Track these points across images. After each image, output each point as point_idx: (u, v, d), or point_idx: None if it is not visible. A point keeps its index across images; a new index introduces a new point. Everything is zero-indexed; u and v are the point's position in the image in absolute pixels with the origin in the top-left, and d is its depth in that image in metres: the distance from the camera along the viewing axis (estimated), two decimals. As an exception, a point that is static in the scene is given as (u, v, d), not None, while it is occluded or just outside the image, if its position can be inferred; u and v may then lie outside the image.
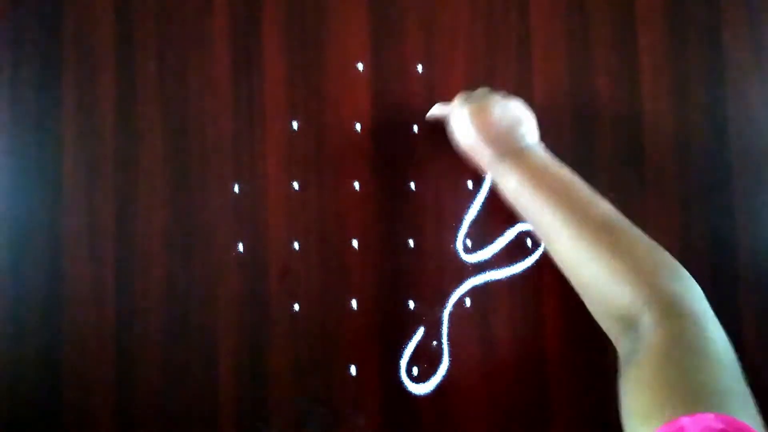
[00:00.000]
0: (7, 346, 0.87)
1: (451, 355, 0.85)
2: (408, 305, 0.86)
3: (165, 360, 0.86)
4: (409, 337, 0.85)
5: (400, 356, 0.85)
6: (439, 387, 0.85)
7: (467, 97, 0.79)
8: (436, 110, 0.84)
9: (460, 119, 0.78)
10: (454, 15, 0.88)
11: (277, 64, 0.88)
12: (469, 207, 0.86)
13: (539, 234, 0.76)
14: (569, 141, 0.86)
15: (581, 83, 0.87)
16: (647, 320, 0.61)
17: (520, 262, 0.85)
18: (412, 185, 0.87)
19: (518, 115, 0.78)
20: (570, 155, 0.86)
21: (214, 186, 0.88)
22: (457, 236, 0.86)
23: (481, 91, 0.80)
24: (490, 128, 0.76)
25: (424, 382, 0.85)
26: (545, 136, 0.86)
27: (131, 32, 0.89)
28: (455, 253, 0.86)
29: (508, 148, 0.76)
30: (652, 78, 0.86)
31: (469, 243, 0.86)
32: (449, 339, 0.85)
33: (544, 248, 0.81)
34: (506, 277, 0.85)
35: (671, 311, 0.60)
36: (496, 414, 0.84)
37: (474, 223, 0.86)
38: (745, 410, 0.52)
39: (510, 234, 0.86)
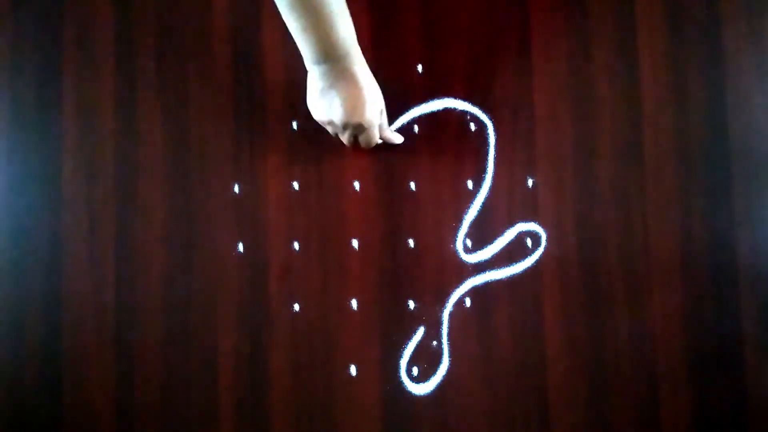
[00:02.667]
0: (7, 346, 0.87)
1: (451, 355, 0.85)
2: (408, 305, 0.86)
3: (165, 360, 0.86)
4: (409, 337, 0.85)
5: (400, 356, 0.85)
6: (439, 387, 0.85)
7: None
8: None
9: None
10: (454, 15, 0.88)
11: (277, 64, 0.88)
12: (469, 207, 0.86)
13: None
14: (569, 141, 0.86)
15: (581, 83, 0.87)
16: None
17: (520, 262, 0.86)
18: (412, 185, 0.87)
19: None
20: (570, 155, 0.86)
21: (214, 186, 0.88)
22: (457, 236, 0.86)
23: None
24: None
25: (424, 382, 0.85)
26: (546, 136, 0.86)
27: (131, 32, 0.89)
28: (455, 253, 0.86)
29: None
30: (652, 78, 0.86)
31: (469, 243, 0.86)
32: (449, 339, 0.85)
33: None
34: (506, 277, 0.85)
35: None
36: (496, 414, 0.84)
37: (474, 223, 0.86)
38: None
39: (510, 234, 0.86)
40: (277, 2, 0.74)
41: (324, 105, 0.79)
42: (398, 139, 0.86)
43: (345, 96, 0.77)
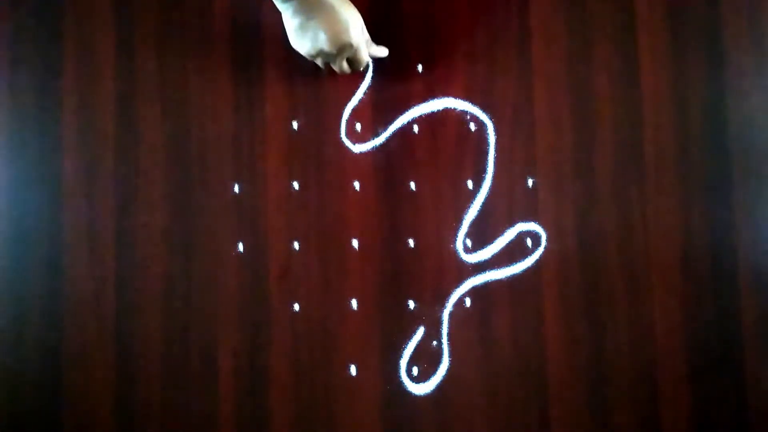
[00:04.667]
0: (7, 346, 0.87)
1: (451, 355, 0.85)
2: (408, 305, 0.86)
3: (165, 360, 0.86)
4: (409, 337, 0.85)
5: (400, 356, 0.85)
6: (439, 387, 0.85)
7: None
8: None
9: None
10: (454, 15, 0.88)
11: (278, 65, 0.88)
12: (469, 207, 0.86)
13: None
14: (569, 141, 0.86)
15: (581, 83, 0.87)
16: None
17: (520, 262, 0.85)
18: (412, 185, 0.87)
19: None
20: (570, 155, 0.86)
21: (214, 186, 0.88)
22: (457, 236, 0.86)
23: None
24: None
25: (424, 382, 0.85)
26: (546, 136, 0.86)
27: (131, 32, 0.89)
28: (455, 253, 0.86)
29: None
30: (652, 78, 0.86)
31: (469, 243, 0.86)
32: (449, 339, 0.85)
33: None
34: (506, 277, 0.85)
35: None
36: (496, 413, 0.84)
37: (474, 223, 0.86)
38: None
39: (510, 234, 0.86)
40: None
41: (308, 39, 0.80)
42: (384, 51, 0.86)
43: (326, 25, 0.78)
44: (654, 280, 0.84)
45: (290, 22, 0.80)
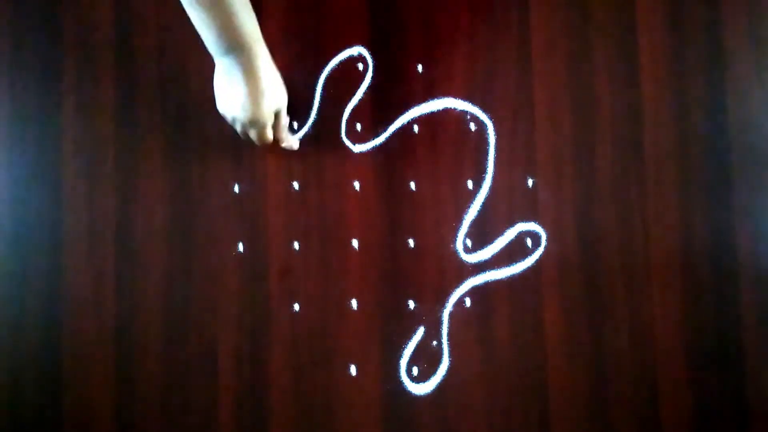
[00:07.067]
0: (7, 346, 0.87)
1: (451, 355, 0.85)
2: (408, 305, 0.86)
3: (165, 360, 0.86)
4: (409, 337, 0.85)
5: (400, 356, 0.85)
6: (439, 387, 0.85)
7: None
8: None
9: None
10: (454, 15, 0.88)
11: (277, 65, 0.88)
12: (469, 207, 0.86)
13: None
14: (569, 141, 0.86)
15: (581, 83, 0.87)
16: None
17: (520, 262, 0.86)
18: (412, 185, 0.87)
19: None
20: (570, 155, 0.86)
21: (214, 186, 0.88)
22: (457, 236, 0.86)
23: None
24: None
25: (424, 382, 0.85)
26: (546, 136, 0.86)
27: (131, 33, 0.89)
28: (455, 253, 0.86)
29: None
30: (652, 78, 0.86)
31: (469, 243, 0.86)
32: (449, 339, 0.85)
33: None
34: (506, 277, 0.85)
35: None
36: (496, 414, 0.84)
37: (474, 223, 0.86)
38: None
39: (510, 234, 0.86)
40: None
41: (222, 98, 0.80)
42: (294, 144, 0.86)
43: (240, 91, 0.77)
44: (654, 280, 0.84)
45: (218, 77, 0.79)
